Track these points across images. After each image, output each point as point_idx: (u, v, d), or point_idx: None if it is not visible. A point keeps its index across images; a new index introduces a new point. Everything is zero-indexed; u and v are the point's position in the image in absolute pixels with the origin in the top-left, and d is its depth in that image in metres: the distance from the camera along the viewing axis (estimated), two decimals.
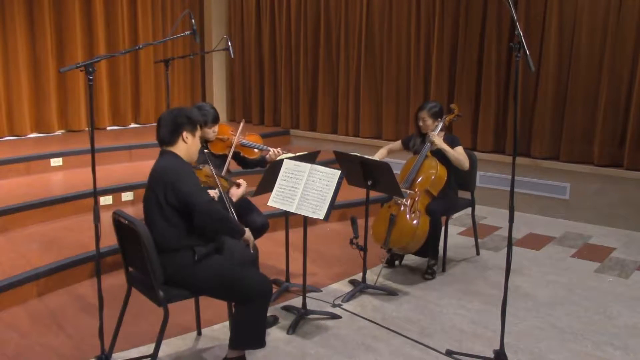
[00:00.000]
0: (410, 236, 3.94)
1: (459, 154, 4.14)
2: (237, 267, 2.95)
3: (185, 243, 2.81)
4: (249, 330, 2.86)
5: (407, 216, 3.98)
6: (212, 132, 3.80)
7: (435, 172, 4.06)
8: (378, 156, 4.35)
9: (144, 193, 2.92)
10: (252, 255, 3.22)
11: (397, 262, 4.45)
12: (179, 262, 2.80)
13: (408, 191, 4.03)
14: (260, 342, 2.92)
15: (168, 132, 2.89)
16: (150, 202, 2.83)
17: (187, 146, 2.92)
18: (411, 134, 4.59)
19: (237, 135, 3.97)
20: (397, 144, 4.57)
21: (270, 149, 3.98)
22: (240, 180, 3.32)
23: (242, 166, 4.13)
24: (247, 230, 3.05)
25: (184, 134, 2.90)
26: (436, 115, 4.23)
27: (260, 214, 3.86)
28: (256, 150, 4.05)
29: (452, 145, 4.16)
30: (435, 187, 4.06)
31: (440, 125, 4.21)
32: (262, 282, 2.87)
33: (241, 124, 4.03)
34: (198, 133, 2.98)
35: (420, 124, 4.26)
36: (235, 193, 3.26)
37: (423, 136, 4.29)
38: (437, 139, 4.13)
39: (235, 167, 4.09)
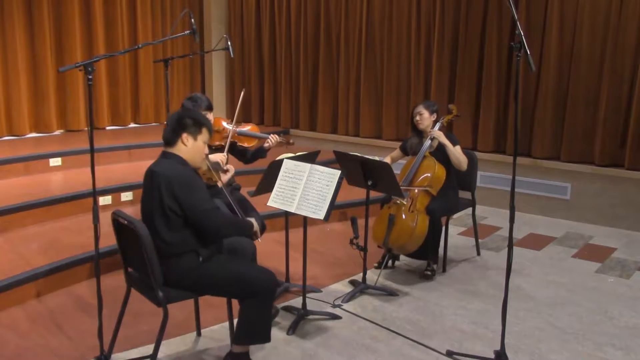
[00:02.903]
0: (408, 235, 3.93)
1: (458, 154, 4.14)
2: (241, 263, 2.98)
3: (189, 247, 2.77)
4: (254, 325, 2.83)
5: (406, 216, 3.98)
6: None
7: (433, 171, 4.05)
8: None
9: (142, 196, 2.83)
10: (251, 250, 3.24)
11: (391, 263, 4.41)
12: (183, 267, 2.76)
13: (409, 188, 4.02)
14: (265, 337, 2.89)
15: (170, 131, 2.82)
16: (152, 206, 2.73)
17: (187, 149, 2.81)
18: (407, 137, 4.54)
19: (233, 123, 3.87)
20: (397, 151, 4.48)
21: (269, 135, 3.87)
22: (229, 166, 3.52)
23: (243, 161, 4.03)
24: (252, 221, 3.04)
25: (184, 135, 2.79)
26: (432, 109, 4.22)
27: (258, 216, 3.82)
28: (254, 138, 3.94)
29: (452, 143, 4.15)
30: (433, 186, 4.05)
31: (438, 125, 4.20)
32: (267, 276, 2.84)
33: (242, 93, 4.07)
34: (202, 137, 2.85)
35: (417, 118, 4.23)
36: (223, 178, 3.45)
37: (420, 136, 4.28)
38: (439, 132, 4.12)
39: (237, 166, 3.97)
